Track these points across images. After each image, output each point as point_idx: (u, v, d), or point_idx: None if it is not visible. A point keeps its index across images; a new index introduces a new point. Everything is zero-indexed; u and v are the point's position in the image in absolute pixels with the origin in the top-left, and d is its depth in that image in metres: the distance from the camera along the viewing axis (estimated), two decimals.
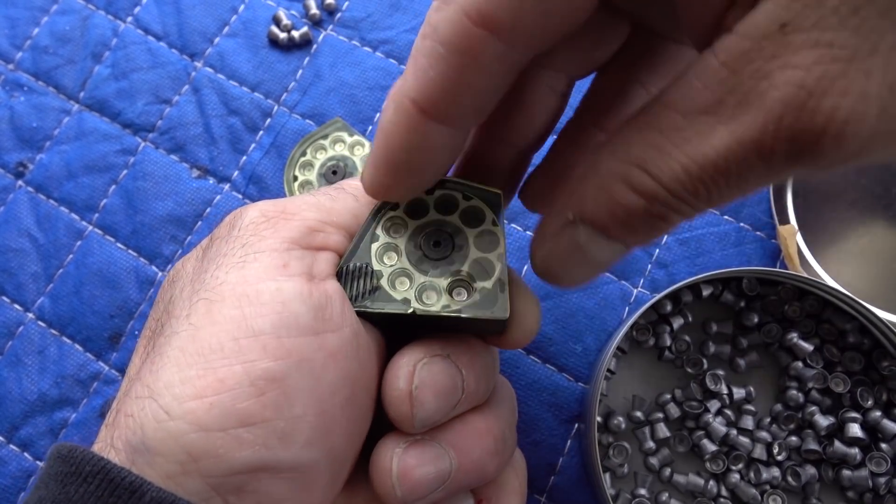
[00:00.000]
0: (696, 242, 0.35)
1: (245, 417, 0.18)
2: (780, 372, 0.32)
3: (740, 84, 0.14)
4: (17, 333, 0.36)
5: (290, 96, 0.39)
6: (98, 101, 0.39)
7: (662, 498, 0.30)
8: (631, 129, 0.16)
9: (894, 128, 0.13)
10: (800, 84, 0.13)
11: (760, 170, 0.14)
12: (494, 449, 0.22)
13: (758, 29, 0.13)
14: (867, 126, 0.13)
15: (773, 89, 0.13)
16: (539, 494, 0.32)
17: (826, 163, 0.14)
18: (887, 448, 0.30)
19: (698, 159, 0.15)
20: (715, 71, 0.14)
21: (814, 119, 0.13)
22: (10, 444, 0.34)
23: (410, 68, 0.17)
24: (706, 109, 0.14)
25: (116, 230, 0.37)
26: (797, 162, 0.14)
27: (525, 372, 0.34)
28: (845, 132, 0.13)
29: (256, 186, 0.38)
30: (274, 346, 0.18)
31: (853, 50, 0.12)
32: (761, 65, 0.13)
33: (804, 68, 0.13)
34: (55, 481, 0.17)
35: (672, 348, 0.32)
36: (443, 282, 0.21)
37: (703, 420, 0.31)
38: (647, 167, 0.15)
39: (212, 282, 0.20)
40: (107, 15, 0.41)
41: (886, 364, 0.30)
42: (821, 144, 0.13)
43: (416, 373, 0.20)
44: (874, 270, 0.34)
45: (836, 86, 0.13)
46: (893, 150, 0.14)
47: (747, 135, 0.14)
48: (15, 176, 0.39)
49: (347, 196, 0.23)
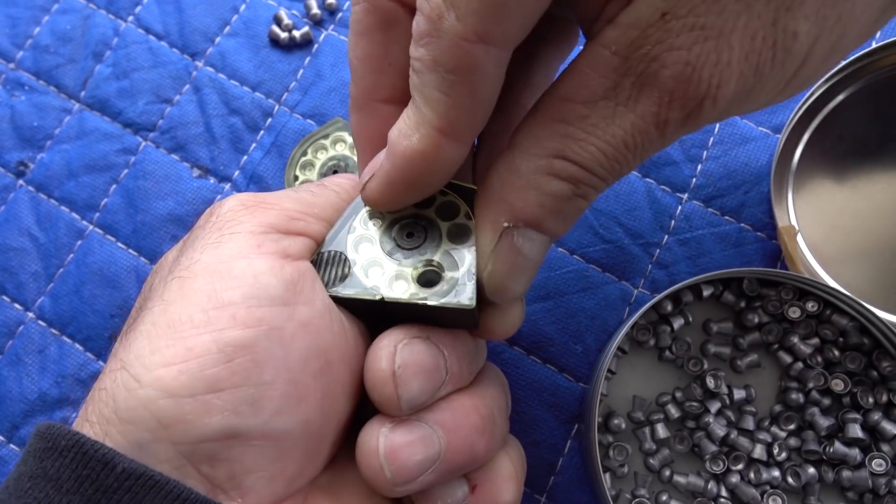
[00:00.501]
0: (696, 243, 0.35)
1: (214, 383, 0.18)
2: (780, 372, 0.32)
3: (633, 68, 0.16)
4: (18, 333, 0.36)
5: (291, 96, 0.39)
6: (99, 101, 0.39)
7: (662, 498, 0.30)
8: (537, 128, 0.18)
9: (746, 87, 0.17)
10: (685, 62, 0.16)
11: (657, 138, 0.17)
12: (483, 426, 0.22)
13: (642, 19, 0.16)
14: (731, 87, 0.16)
15: (664, 69, 0.16)
16: (539, 494, 0.32)
17: (704, 123, 0.17)
18: (887, 448, 0.30)
19: (610, 140, 0.17)
20: (607, 60, 0.16)
21: (698, 88, 0.16)
22: (10, 443, 0.34)
23: (423, 102, 0.18)
24: (605, 95, 0.17)
25: (117, 230, 0.37)
26: (684, 126, 0.17)
27: (525, 372, 0.34)
28: (718, 94, 0.16)
29: (257, 186, 0.38)
30: (243, 315, 0.19)
31: (719, 29, 0.16)
32: (649, 49, 0.16)
33: (686, 48, 0.16)
34: (33, 457, 0.18)
35: (672, 348, 0.32)
36: (413, 271, 0.21)
37: (703, 420, 0.31)
38: (566, 156, 0.18)
39: (186, 262, 0.20)
40: (108, 14, 0.41)
41: (887, 364, 0.30)
42: (703, 107, 0.16)
43: (397, 353, 0.20)
44: (874, 270, 0.34)
45: (710, 59, 0.16)
46: (745, 107, 0.18)
47: (647, 110, 0.16)
48: (15, 175, 0.39)
49: (329, 191, 0.24)
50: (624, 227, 0.36)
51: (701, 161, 0.36)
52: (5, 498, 0.17)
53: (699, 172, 0.36)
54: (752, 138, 0.37)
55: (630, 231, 0.36)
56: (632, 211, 0.36)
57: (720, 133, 0.37)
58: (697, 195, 0.36)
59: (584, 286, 0.35)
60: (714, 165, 0.36)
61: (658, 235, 0.35)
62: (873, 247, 0.34)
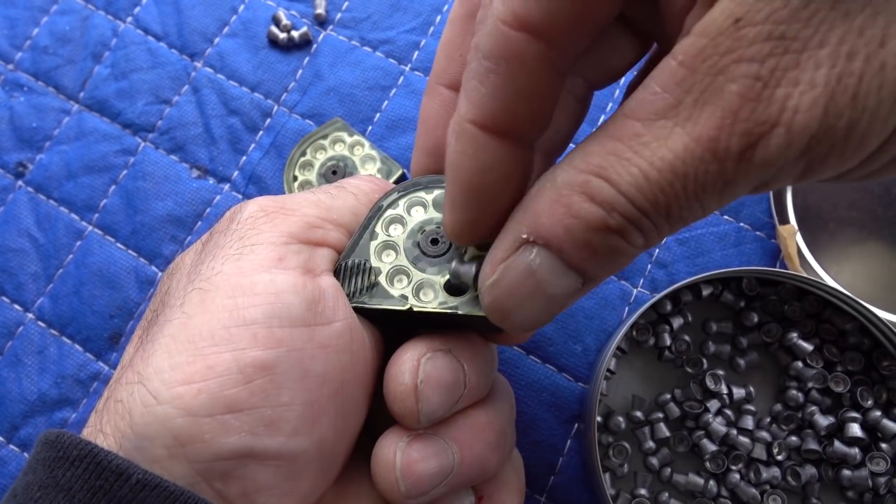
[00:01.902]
0: (695, 242, 0.35)
1: (232, 404, 0.18)
2: (780, 372, 0.32)
3: (698, 82, 0.13)
4: (17, 333, 0.36)
5: (290, 96, 0.39)
6: (98, 102, 0.39)
7: (662, 498, 0.30)
8: (591, 141, 0.16)
9: (838, 122, 0.13)
10: (755, 76, 0.13)
11: (713, 171, 0.14)
12: (496, 443, 0.22)
13: (713, 26, 0.13)
14: (815, 116, 0.13)
15: (729, 83, 0.13)
16: (539, 494, 0.32)
17: (774, 163, 0.13)
18: (887, 448, 0.30)
19: (656, 163, 0.14)
20: (672, 72, 0.14)
21: (768, 109, 0.13)
22: (10, 444, 0.34)
23: (462, 95, 0.17)
24: (665, 113, 0.14)
25: (116, 230, 0.37)
26: (749, 159, 0.13)
27: (525, 372, 0.34)
28: (794, 122, 0.13)
29: (256, 186, 0.38)
30: (264, 335, 0.18)
31: (804, 41, 0.13)
32: (717, 60, 0.13)
33: (759, 60, 0.13)
34: (43, 466, 0.17)
35: (672, 348, 0.32)
36: (440, 279, 0.21)
37: (702, 420, 0.31)
38: (605, 174, 0.15)
39: (207, 272, 0.20)
40: (106, 15, 0.41)
41: (886, 364, 0.30)
42: (772, 136, 0.13)
43: (420, 367, 0.20)
44: (874, 270, 0.34)
45: (788, 76, 0.13)
46: (835, 160, 0.14)
47: (704, 132, 0.13)
48: (15, 176, 0.39)
49: (347, 194, 0.23)
50: None
51: None
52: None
53: None
54: None
55: None
56: None
57: None
58: None
59: None
60: None
61: None
62: (873, 246, 0.34)
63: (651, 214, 0.15)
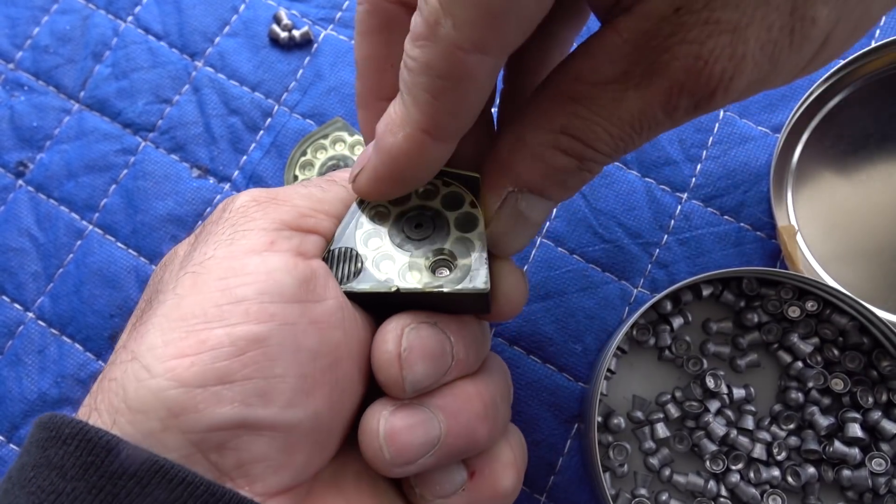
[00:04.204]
0: (696, 242, 0.35)
1: (224, 375, 0.18)
2: (780, 372, 0.32)
3: (644, 57, 0.17)
4: (18, 333, 0.36)
5: (291, 96, 0.39)
6: (98, 101, 0.39)
7: (662, 498, 0.30)
8: (546, 102, 0.19)
9: (761, 76, 0.17)
10: (696, 56, 0.16)
11: (665, 121, 0.18)
12: (484, 413, 0.22)
13: (656, 11, 0.16)
14: (745, 77, 0.16)
15: (674, 60, 0.16)
16: (539, 494, 0.32)
17: (716, 108, 0.17)
18: (887, 448, 0.30)
19: (616, 122, 0.18)
20: (619, 47, 0.17)
21: (709, 81, 0.16)
22: (9, 443, 0.34)
23: (410, 105, 0.18)
24: (615, 79, 0.17)
25: (116, 230, 0.37)
26: (695, 111, 0.17)
27: (525, 372, 0.34)
28: (731, 85, 0.16)
29: (257, 186, 0.38)
30: (256, 310, 0.19)
31: (735, 24, 0.16)
32: (661, 41, 0.16)
33: (699, 43, 0.16)
34: (36, 447, 0.18)
35: (672, 348, 0.32)
36: (425, 261, 0.22)
37: (703, 420, 0.31)
38: (573, 133, 0.18)
39: (199, 257, 0.20)
40: (107, 14, 0.41)
41: (886, 364, 0.30)
42: (714, 96, 0.17)
43: (404, 336, 0.21)
44: (874, 270, 0.34)
45: (724, 53, 0.16)
46: (762, 89, 0.18)
47: (655, 97, 0.17)
48: (15, 175, 0.39)
49: (338, 187, 0.24)
50: (624, 226, 0.36)
51: (700, 160, 0.36)
52: (9, 488, 0.17)
53: (699, 172, 0.36)
54: (751, 138, 0.37)
55: (630, 231, 0.36)
56: (631, 210, 0.36)
57: (719, 133, 0.37)
58: (697, 195, 0.36)
59: (583, 286, 0.35)
60: (713, 165, 0.36)
61: (658, 235, 0.35)
62: (873, 246, 0.34)
63: (612, 154, 0.19)
